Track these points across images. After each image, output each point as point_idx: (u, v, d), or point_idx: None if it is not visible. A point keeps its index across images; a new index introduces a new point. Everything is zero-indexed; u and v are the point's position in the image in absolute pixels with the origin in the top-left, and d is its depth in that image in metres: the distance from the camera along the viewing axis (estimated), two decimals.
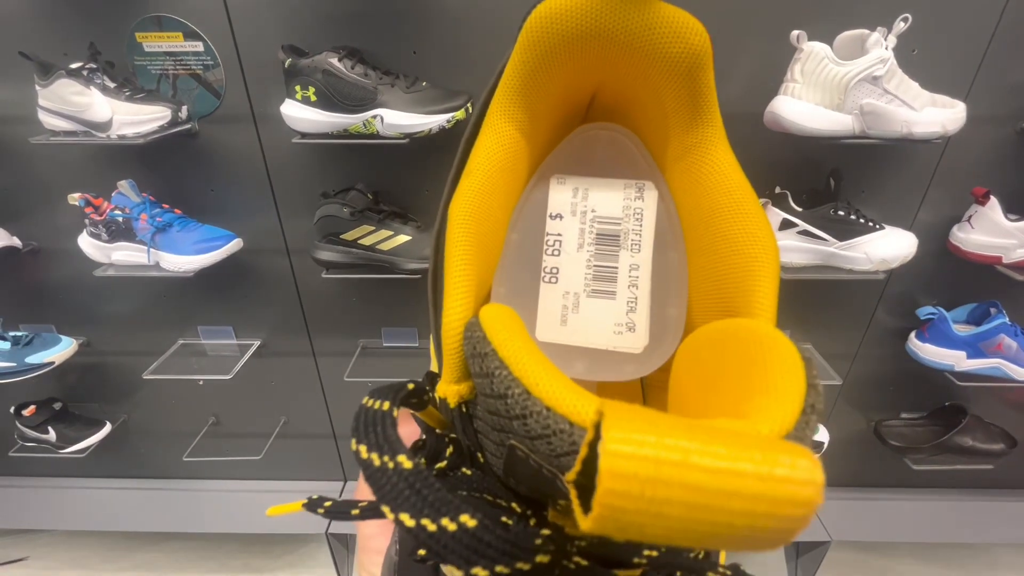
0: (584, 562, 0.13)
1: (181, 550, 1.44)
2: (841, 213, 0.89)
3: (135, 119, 0.85)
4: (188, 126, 0.92)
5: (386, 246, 0.94)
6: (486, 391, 0.13)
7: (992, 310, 1.00)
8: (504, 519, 0.13)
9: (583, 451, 0.09)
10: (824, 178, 0.91)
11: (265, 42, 0.86)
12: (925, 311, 1.03)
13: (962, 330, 1.01)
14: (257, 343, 1.17)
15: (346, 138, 0.87)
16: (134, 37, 0.88)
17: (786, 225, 0.90)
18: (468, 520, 0.11)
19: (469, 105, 0.84)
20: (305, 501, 0.16)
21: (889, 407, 1.22)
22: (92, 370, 1.22)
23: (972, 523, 1.26)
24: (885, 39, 0.75)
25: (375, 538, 0.21)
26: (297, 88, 0.83)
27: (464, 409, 0.15)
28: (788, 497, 0.07)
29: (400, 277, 0.96)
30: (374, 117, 0.83)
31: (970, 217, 0.93)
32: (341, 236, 0.94)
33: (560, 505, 0.13)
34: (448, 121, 0.83)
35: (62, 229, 1.01)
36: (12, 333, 1.09)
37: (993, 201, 0.90)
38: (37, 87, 0.85)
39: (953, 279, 1.04)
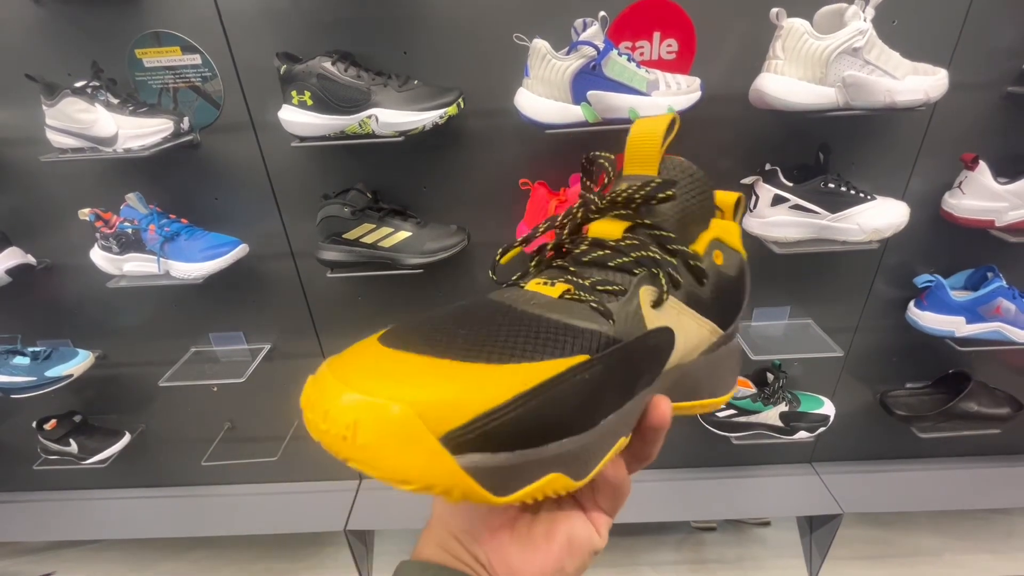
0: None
1: (205, 558, 1.47)
2: (832, 186, 0.91)
3: (139, 132, 0.88)
4: (190, 137, 0.94)
5: (387, 243, 0.96)
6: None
7: (989, 274, 1.01)
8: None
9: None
10: (813, 152, 0.92)
11: (260, 51, 0.89)
12: (922, 279, 1.04)
13: (960, 296, 1.02)
14: (267, 347, 1.19)
15: (343, 139, 0.89)
16: (134, 54, 0.91)
17: (778, 201, 0.92)
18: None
19: (461, 100, 0.86)
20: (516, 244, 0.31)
21: (893, 378, 1.23)
22: (109, 381, 1.25)
23: (982, 489, 1.27)
24: (863, 11, 0.77)
25: None
26: (293, 93, 0.86)
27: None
28: None
29: (403, 273, 0.98)
30: (369, 117, 0.86)
31: (961, 183, 0.94)
32: (343, 236, 0.96)
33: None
34: (441, 117, 0.85)
35: (74, 245, 1.05)
36: (31, 349, 1.12)
37: (982, 166, 0.91)
38: (44, 107, 0.88)
39: (948, 246, 1.05)
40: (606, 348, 0.22)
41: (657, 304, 0.26)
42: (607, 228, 0.28)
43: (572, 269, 0.26)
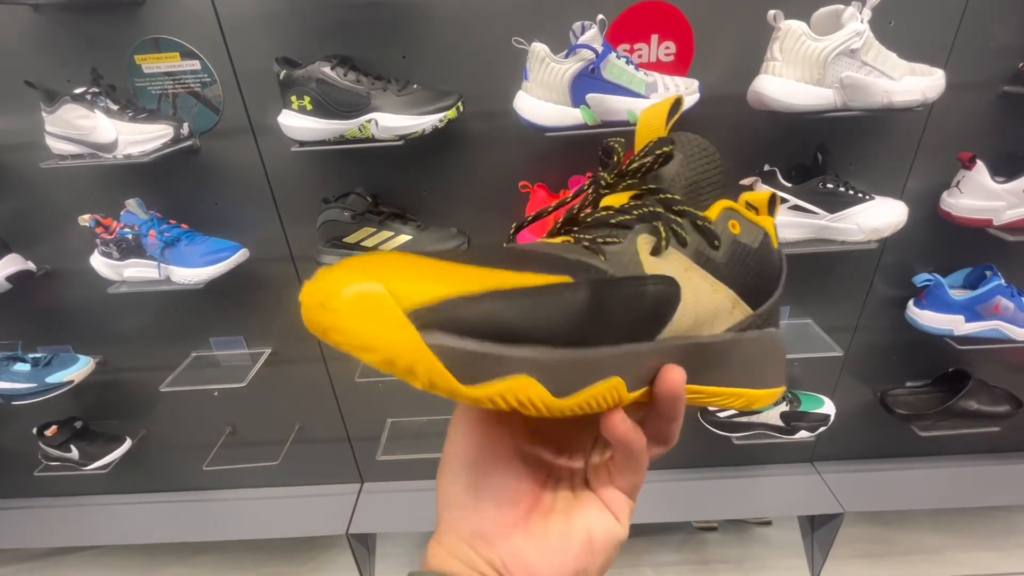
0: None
1: (206, 563, 1.47)
2: (830, 186, 0.91)
3: (139, 138, 0.88)
4: (190, 142, 0.94)
5: (388, 247, 0.96)
6: None
7: (987, 273, 1.02)
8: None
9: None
10: (811, 153, 0.93)
11: (259, 56, 0.89)
12: (921, 278, 1.04)
13: (959, 295, 1.02)
14: (268, 351, 1.19)
15: (343, 144, 0.89)
16: (133, 60, 0.91)
17: None
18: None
19: (460, 104, 0.86)
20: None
21: (893, 376, 1.23)
22: (110, 387, 1.25)
23: (982, 487, 1.27)
24: (860, 12, 0.77)
25: None
26: (293, 98, 0.86)
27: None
28: None
29: None
30: (369, 121, 0.86)
31: (958, 182, 0.95)
32: (344, 240, 0.96)
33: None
34: (440, 120, 0.86)
35: (74, 250, 1.05)
36: (31, 355, 1.12)
37: (979, 165, 0.91)
38: (43, 114, 0.88)
39: (946, 245, 1.05)
40: (594, 277, 0.23)
41: (656, 252, 0.26)
42: (616, 199, 0.28)
43: (576, 230, 0.27)
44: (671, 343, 0.25)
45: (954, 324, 1.02)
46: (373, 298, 0.17)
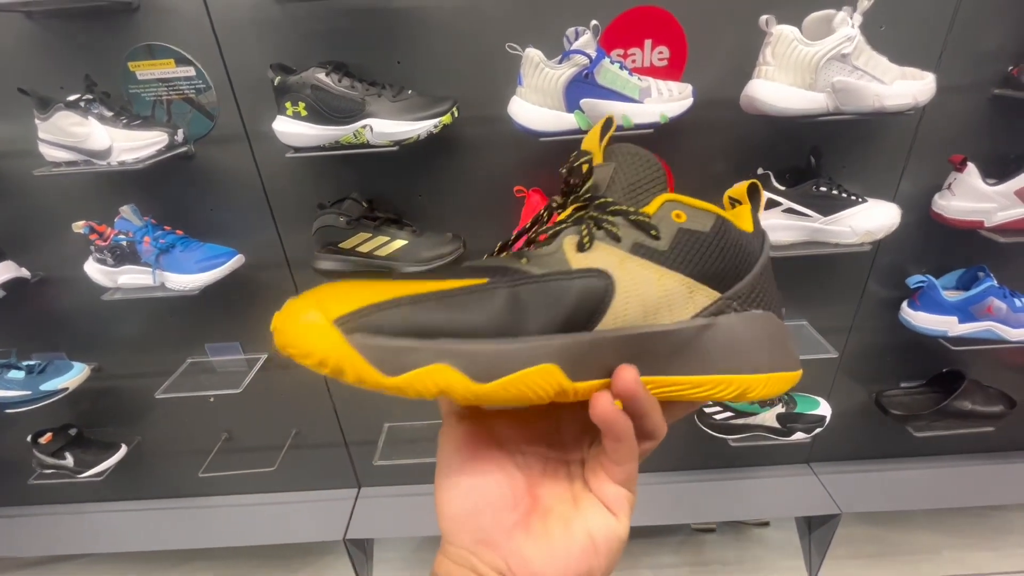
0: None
1: (203, 570, 1.46)
2: (823, 189, 0.91)
3: (133, 145, 0.88)
4: (184, 149, 0.94)
5: (383, 252, 0.96)
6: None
7: (980, 274, 1.02)
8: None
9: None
10: (805, 156, 0.93)
11: (254, 62, 0.89)
12: (915, 280, 1.05)
13: (952, 296, 1.03)
14: (264, 357, 1.19)
15: (338, 149, 0.89)
16: (127, 67, 0.91)
17: (770, 205, 0.92)
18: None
19: (455, 109, 0.87)
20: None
21: (888, 377, 1.24)
22: (105, 394, 1.25)
23: (977, 486, 1.28)
24: (851, 17, 0.78)
25: None
26: (288, 104, 0.86)
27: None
28: None
29: None
30: (364, 127, 0.86)
31: (950, 184, 0.96)
32: (339, 245, 0.96)
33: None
34: (435, 126, 0.86)
35: (68, 257, 1.04)
36: (25, 362, 1.11)
37: (971, 167, 0.92)
38: (37, 121, 0.88)
39: (939, 247, 1.06)
40: (512, 277, 0.25)
41: (582, 248, 0.27)
42: (564, 215, 0.31)
43: (524, 248, 0.30)
44: (618, 333, 0.26)
45: (948, 325, 1.03)
46: (309, 315, 0.21)
